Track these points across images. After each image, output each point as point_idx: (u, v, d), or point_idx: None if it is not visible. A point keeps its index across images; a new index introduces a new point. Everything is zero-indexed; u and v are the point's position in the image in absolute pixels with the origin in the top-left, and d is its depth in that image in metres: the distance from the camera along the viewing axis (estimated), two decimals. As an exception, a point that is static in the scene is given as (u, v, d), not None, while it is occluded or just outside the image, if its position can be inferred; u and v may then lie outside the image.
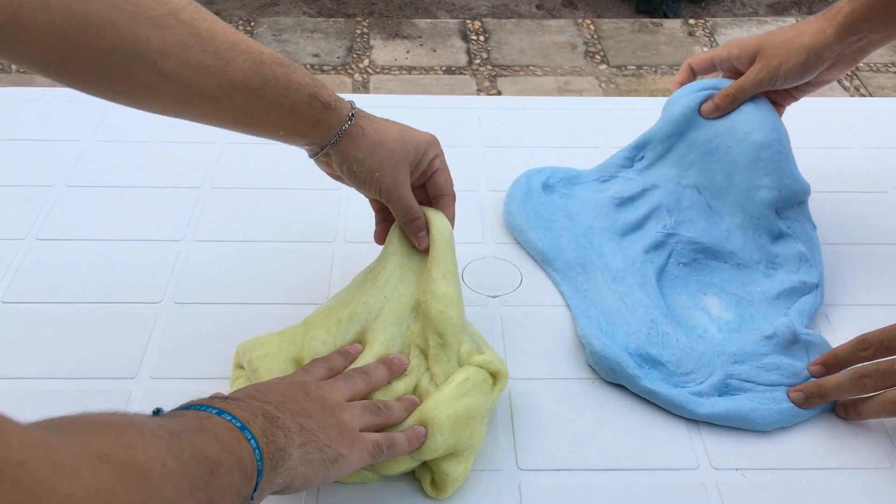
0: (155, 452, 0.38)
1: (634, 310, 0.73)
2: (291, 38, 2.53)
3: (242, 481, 0.44)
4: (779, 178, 0.78)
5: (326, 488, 0.62)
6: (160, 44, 0.56)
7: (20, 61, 0.56)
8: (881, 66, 2.51)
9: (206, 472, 0.41)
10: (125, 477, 0.35)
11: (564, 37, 2.62)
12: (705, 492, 0.62)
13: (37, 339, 0.73)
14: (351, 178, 0.67)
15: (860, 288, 0.81)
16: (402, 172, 0.66)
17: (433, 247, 0.67)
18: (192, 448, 0.41)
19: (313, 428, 0.52)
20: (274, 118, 0.63)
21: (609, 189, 0.84)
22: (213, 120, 0.63)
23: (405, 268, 0.67)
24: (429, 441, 0.59)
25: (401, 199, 0.67)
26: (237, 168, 0.94)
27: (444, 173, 0.70)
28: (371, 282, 0.67)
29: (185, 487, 0.38)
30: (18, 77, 2.32)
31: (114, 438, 0.37)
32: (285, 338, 0.65)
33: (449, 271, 0.66)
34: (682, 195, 0.81)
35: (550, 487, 0.62)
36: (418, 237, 0.68)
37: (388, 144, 0.66)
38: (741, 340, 0.71)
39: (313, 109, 0.63)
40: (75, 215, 0.86)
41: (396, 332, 0.65)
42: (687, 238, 0.78)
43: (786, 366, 0.69)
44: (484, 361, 0.64)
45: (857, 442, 0.66)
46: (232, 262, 0.81)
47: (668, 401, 0.68)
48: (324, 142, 0.65)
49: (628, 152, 0.86)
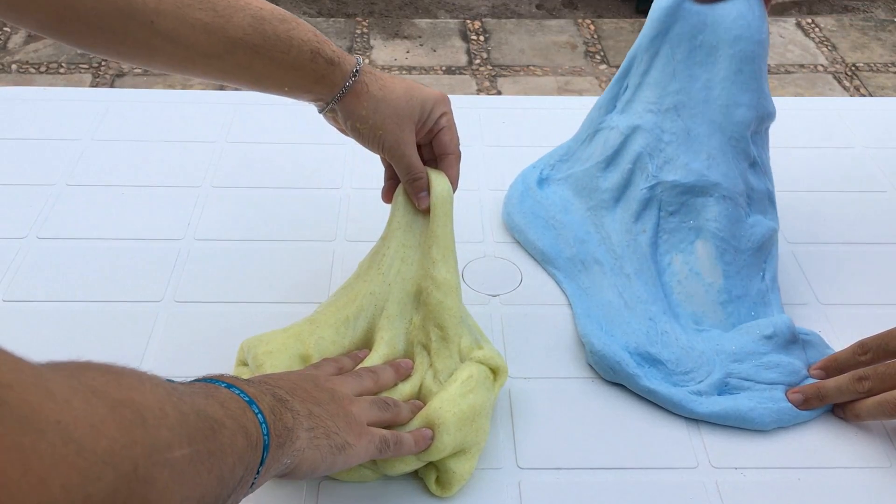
0: (153, 397, 0.37)
1: (633, 307, 0.73)
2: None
3: (247, 449, 0.43)
4: (757, 97, 0.76)
5: (327, 487, 0.62)
6: (156, 3, 0.56)
7: (18, 21, 0.56)
8: (881, 66, 2.52)
9: (206, 428, 0.40)
10: (119, 412, 0.34)
11: (564, 37, 2.62)
12: (705, 491, 0.62)
13: (37, 338, 0.73)
14: (355, 134, 0.67)
15: (860, 288, 0.81)
16: (405, 130, 0.66)
17: (433, 211, 0.67)
18: (194, 405, 0.40)
19: (322, 415, 0.52)
20: (276, 75, 0.63)
21: (594, 151, 0.83)
22: (215, 77, 0.63)
23: (408, 245, 0.68)
24: (436, 442, 0.59)
25: (403, 158, 0.66)
26: (238, 167, 0.94)
27: (450, 132, 0.69)
28: (376, 267, 0.67)
29: (183, 435, 0.37)
30: (19, 77, 2.33)
31: (110, 378, 0.36)
32: (291, 335, 0.65)
33: (448, 249, 0.66)
34: (662, 127, 0.78)
35: (550, 486, 0.63)
36: (419, 197, 0.68)
37: (392, 102, 0.65)
38: (740, 339, 0.71)
39: (316, 66, 0.63)
40: (76, 214, 0.87)
41: (400, 328, 0.66)
42: (671, 182, 0.77)
43: (785, 364, 0.69)
44: (485, 357, 0.64)
45: (857, 441, 0.66)
46: (232, 260, 0.82)
47: (667, 400, 0.68)
48: (328, 98, 0.65)
49: (613, 87, 0.83)
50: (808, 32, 2.67)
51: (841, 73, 2.48)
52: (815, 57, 2.55)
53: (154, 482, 0.34)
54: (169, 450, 0.36)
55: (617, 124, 0.81)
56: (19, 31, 2.52)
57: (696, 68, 0.76)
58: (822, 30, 2.69)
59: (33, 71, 2.35)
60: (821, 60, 2.53)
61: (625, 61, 0.81)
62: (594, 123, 0.85)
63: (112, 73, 2.35)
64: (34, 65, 2.38)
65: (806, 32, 2.67)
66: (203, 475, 0.39)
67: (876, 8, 2.85)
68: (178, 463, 0.36)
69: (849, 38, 2.66)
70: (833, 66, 2.51)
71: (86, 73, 2.35)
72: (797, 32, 2.68)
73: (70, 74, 2.35)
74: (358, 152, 0.97)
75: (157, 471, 0.35)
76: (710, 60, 0.76)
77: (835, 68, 2.50)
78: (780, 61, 2.52)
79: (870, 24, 2.74)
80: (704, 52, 0.76)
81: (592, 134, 0.84)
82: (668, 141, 0.78)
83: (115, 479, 0.32)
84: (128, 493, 0.33)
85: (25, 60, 2.39)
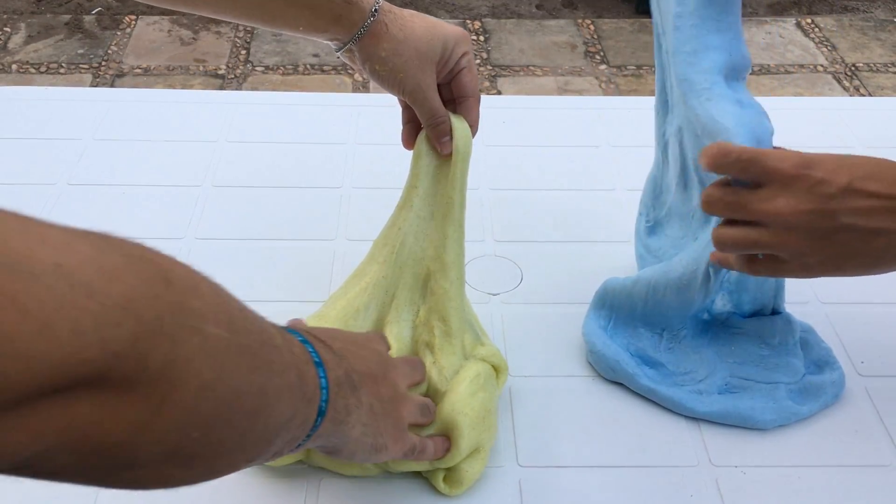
0: (184, 270, 0.32)
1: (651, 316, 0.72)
2: (291, 38, 2.53)
3: (299, 392, 0.40)
4: (728, 39, 0.64)
5: (327, 486, 0.62)
6: None
7: None
8: (881, 66, 2.52)
9: (255, 332, 0.36)
10: (136, 265, 0.30)
11: (564, 37, 2.62)
12: (705, 489, 0.63)
13: (38, 336, 0.73)
14: (374, 77, 0.64)
15: (860, 287, 0.81)
16: (427, 73, 0.63)
17: (454, 157, 0.65)
18: (245, 311, 0.36)
19: (379, 413, 0.51)
20: (290, 13, 0.61)
21: (672, 170, 0.71)
22: (229, 14, 0.62)
23: (423, 217, 0.66)
24: (454, 451, 0.59)
25: (426, 102, 0.64)
26: (238, 166, 0.94)
27: (471, 73, 0.66)
28: (390, 245, 0.66)
29: (222, 317, 0.33)
30: (19, 77, 2.33)
31: (128, 241, 0.31)
32: None
33: (459, 224, 0.65)
34: (674, 106, 0.68)
35: (551, 484, 0.63)
36: (441, 142, 0.65)
37: (412, 42, 0.62)
38: (740, 340, 0.71)
39: (332, 5, 0.61)
40: (77, 214, 0.87)
41: (408, 319, 0.66)
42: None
43: (784, 364, 0.69)
44: (488, 355, 0.65)
45: (857, 439, 0.66)
46: (233, 259, 0.82)
47: (667, 399, 0.68)
48: (346, 38, 0.63)
49: (657, 80, 0.71)
50: (807, 32, 2.67)
51: (841, 73, 2.48)
52: (814, 57, 2.55)
53: (182, 344, 0.30)
54: (202, 320, 0.32)
55: (671, 129, 0.70)
56: (20, 31, 2.52)
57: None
58: (821, 30, 2.69)
59: (33, 71, 2.36)
60: (821, 60, 2.53)
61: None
62: (658, 134, 0.74)
63: (112, 73, 2.35)
64: (34, 65, 2.38)
65: (806, 32, 2.68)
66: (243, 371, 0.35)
67: (876, 8, 2.85)
68: (213, 340, 0.32)
69: (848, 38, 2.66)
70: (833, 66, 2.51)
71: (86, 73, 2.35)
72: (797, 32, 2.68)
73: (70, 74, 2.35)
74: (358, 152, 0.98)
75: (185, 333, 0.31)
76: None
77: (834, 68, 2.50)
78: (780, 61, 2.52)
79: (869, 25, 2.74)
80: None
81: (663, 148, 0.73)
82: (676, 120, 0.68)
83: (135, 328, 0.28)
84: (150, 346, 0.29)
85: (25, 60, 2.39)
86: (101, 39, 2.50)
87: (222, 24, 2.58)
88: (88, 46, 2.47)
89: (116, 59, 2.41)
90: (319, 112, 1.04)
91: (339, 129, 1.01)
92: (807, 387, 0.69)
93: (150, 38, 2.51)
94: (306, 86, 2.33)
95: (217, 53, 2.45)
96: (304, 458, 0.62)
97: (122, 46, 2.47)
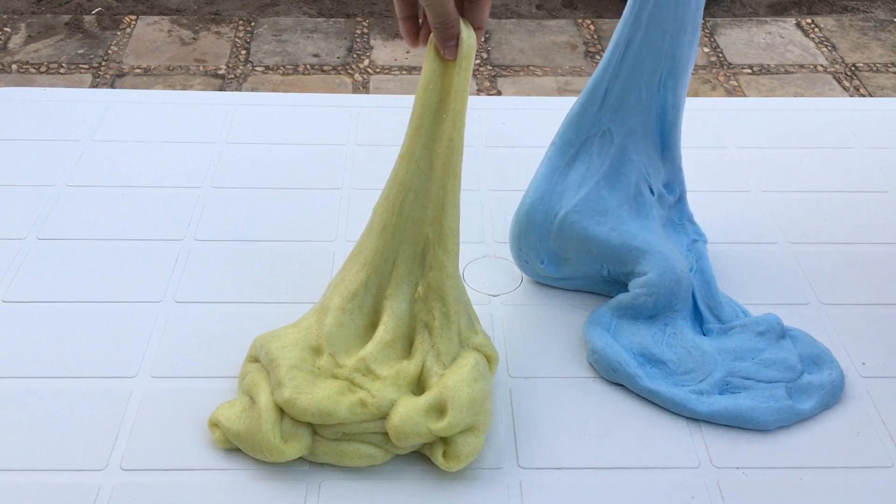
0: None
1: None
2: (291, 38, 2.53)
3: None
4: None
5: (328, 485, 0.62)
6: None
7: None
8: (881, 66, 2.52)
9: None
10: None
11: (564, 37, 2.62)
12: (706, 490, 0.62)
13: (37, 338, 0.73)
14: None
15: (860, 288, 0.81)
16: None
17: (458, 64, 0.62)
18: None
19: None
20: None
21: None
22: None
23: (423, 169, 0.64)
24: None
25: (438, 1, 0.58)
26: (238, 167, 0.94)
27: None
28: (391, 201, 0.65)
29: None
30: (19, 77, 2.33)
31: None
32: (301, 328, 0.67)
33: (456, 174, 0.64)
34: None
35: (551, 486, 0.63)
36: (448, 46, 0.60)
37: None
38: (738, 337, 0.72)
39: None
40: (76, 215, 0.87)
41: (406, 293, 0.66)
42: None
43: (781, 360, 0.70)
44: (481, 345, 0.66)
45: (859, 441, 0.66)
46: (233, 261, 0.82)
47: (668, 400, 0.68)
48: None
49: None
50: (807, 32, 2.67)
51: (841, 73, 2.48)
52: (814, 57, 2.55)
53: None
54: None
55: (606, 145, 0.81)
56: (20, 30, 2.52)
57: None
58: (821, 30, 2.69)
59: (33, 71, 2.35)
60: (821, 60, 2.53)
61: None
62: (579, 131, 0.82)
63: (112, 74, 2.35)
64: (34, 65, 2.38)
65: (806, 32, 2.68)
66: None
67: (876, 8, 2.85)
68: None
69: (848, 38, 2.66)
70: (833, 67, 2.51)
71: (86, 73, 2.35)
72: (797, 32, 2.68)
73: (70, 74, 2.35)
74: (358, 152, 0.98)
75: None
76: None
77: (835, 68, 2.50)
78: (780, 61, 2.52)
79: (869, 25, 2.74)
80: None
81: (578, 147, 0.82)
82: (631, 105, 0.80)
83: None
84: None
85: (25, 60, 2.39)
86: (101, 39, 2.50)
87: (222, 25, 2.58)
88: (88, 46, 2.47)
89: (116, 59, 2.41)
90: (319, 112, 1.04)
91: (339, 130, 1.01)
92: (806, 386, 0.69)
93: (150, 38, 2.51)
94: (306, 86, 2.33)
95: (217, 53, 2.45)
96: (307, 454, 0.62)
97: (122, 46, 2.47)
